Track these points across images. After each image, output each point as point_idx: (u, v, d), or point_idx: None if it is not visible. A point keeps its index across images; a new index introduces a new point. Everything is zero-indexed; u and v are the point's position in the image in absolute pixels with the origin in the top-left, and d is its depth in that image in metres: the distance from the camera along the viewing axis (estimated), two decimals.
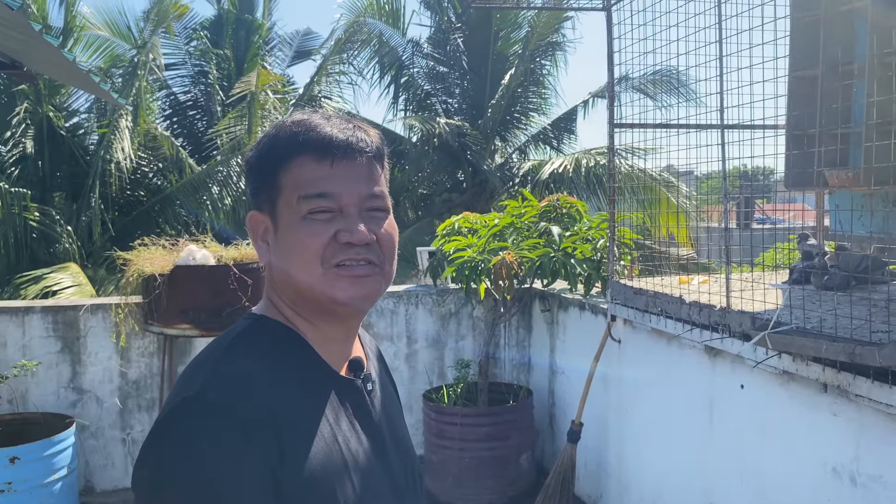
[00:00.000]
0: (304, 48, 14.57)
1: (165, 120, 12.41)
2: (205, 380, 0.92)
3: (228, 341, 0.99)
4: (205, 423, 0.87)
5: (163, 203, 10.06)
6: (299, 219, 0.97)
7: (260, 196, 1.01)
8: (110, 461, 4.39)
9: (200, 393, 0.90)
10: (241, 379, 0.92)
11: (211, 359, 0.97)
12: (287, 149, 0.99)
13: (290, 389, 0.94)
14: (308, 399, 0.97)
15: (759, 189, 4.95)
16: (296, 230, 0.97)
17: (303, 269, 0.97)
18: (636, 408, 3.65)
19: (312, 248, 0.96)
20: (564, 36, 12.20)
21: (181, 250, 4.02)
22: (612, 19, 3.61)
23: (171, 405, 0.91)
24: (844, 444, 2.32)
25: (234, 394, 0.90)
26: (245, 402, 0.89)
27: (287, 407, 0.92)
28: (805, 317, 2.44)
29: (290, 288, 1.00)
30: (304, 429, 0.93)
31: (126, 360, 4.38)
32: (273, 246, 1.00)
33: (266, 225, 1.01)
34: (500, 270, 3.97)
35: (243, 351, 0.97)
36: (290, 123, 1.01)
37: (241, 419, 0.87)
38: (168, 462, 0.87)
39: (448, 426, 4.21)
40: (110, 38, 11.24)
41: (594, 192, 10.78)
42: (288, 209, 0.98)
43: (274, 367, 0.96)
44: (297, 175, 0.98)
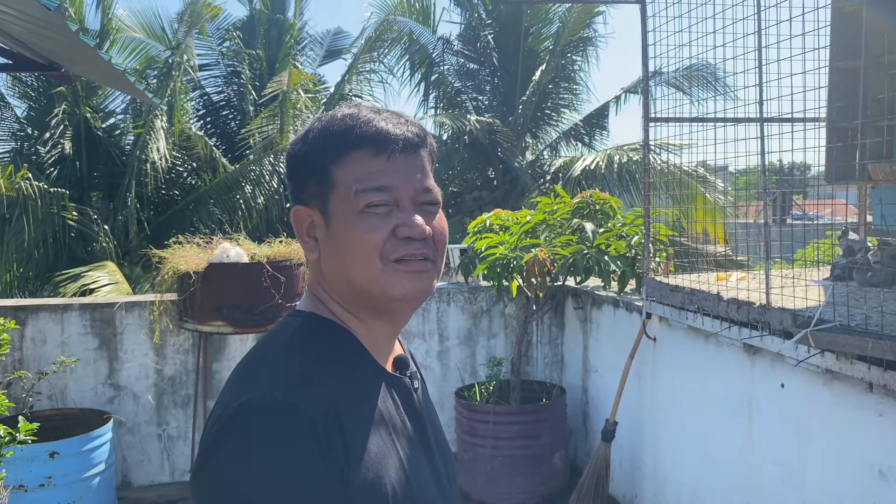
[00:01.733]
0: (335, 47, 14.65)
1: (199, 120, 12.57)
2: (267, 380, 0.90)
3: (284, 340, 0.97)
4: (274, 424, 0.85)
5: (197, 202, 10.19)
6: (356, 213, 0.95)
7: (307, 190, 1.00)
8: (146, 457, 4.45)
9: (265, 394, 0.87)
10: (304, 378, 0.90)
11: (268, 358, 0.95)
12: (341, 142, 0.97)
13: (348, 388, 0.93)
14: (364, 397, 0.96)
15: (796, 184, 4.84)
16: (353, 225, 0.95)
17: (360, 265, 0.96)
18: (672, 407, 3.59)
19: (372, 243, 0.95)
20: (596, 31, 12.09)
21: (215, 248, 4.05)
22: (647, 12, 3.55)
23: (233, 407, 0.88)
24: (892, 445, 2.25)
25: (299, 394, 0.88)
26: (312, 402, 0.87)
27: (347, 406, 0.90)
28: (849, 314, 2.37)
29: (343, 284, 0.99)
30: (363, 427, 0.92)
31: (161, 356, 4.44)
32: (324, 241, 0.99)
33: (313, 220, 0.99)
34: (532, 268, 3.93)
35: (301, 349, 0.95)
36: (342, 117, 0.99)
37: (309, 419, 0.85)
38: (238, 466, 0.84)
39: (480, 424, 4.18)
40: (145, 39, 11.43)
41: (626, 188, 10.66)
42: (343, 203, 0.96)
43: (331, 365, 0.95)
44: (354, 169, 0.96)
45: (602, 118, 12.45)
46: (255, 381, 0.91)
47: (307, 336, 0.98)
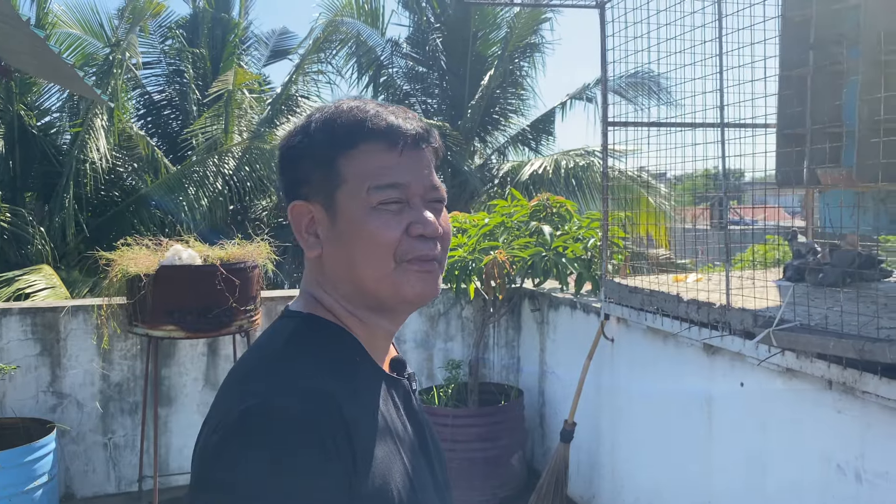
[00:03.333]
0: (281, 47, 14.46)
1: (139, 119, 12.22)
2: (270, 385, 0.86)
3: (283, 342, 0.93)
4: (280, 431, 0.81)
5: (138, 203, 9.88)
6: (368, 209, 0.92)
7: (308, 184, 0.95)
8: (91, 467, 4.27)
9: (269, 399, 0.83)
10: (308, 383, 0.86)
11: (268, 362, 0.91)
12: (351, 135, 0.93)
13: (351, 392, 0.89)
14: (368, 402, 0.92)
15: (735, 189, 4.98)
16: (365, 222, 0.92)
17: (373, 263, 0.92)
18: (631, 407, 3.64)
19: (387, 241, 0.91)
20: (542, 37, 12.25)
21: (166, 250, 3.92)
22: (605, 17, 3.60)
23: (235, 414, 0.83)
24: (849, 441, 2.32)
25: (305, 399, 0.84)
26: (318, 408, 0.83)
27: (352, 410, 0.86)
28: (808, 314, 2.44)
29: (349, 282, 0.95)
30: (369, 433, 0.88)
31: (108, 362, 4.27)
32: (329, 238, 0.94)
33: (314, 216, 0.95)
34: (492, 270, 3.94)
35: (302, 352, 0.91)
36: (349, 108, 0.95)
37: (316, 426, 0.82)
38: (244, 475, 0.79)
39: (439, 427, 4.15)
40: (82, 35, 11.05)
41: (573, 193, 10.80)
42: (353, 199, 0.92)
43: (334, 368, 0.91)
44: (365, 163, 0.92)
45: (549, 123, 12.61)
46: (257, 386, 0.86)
47: (307, 338, 0.94)
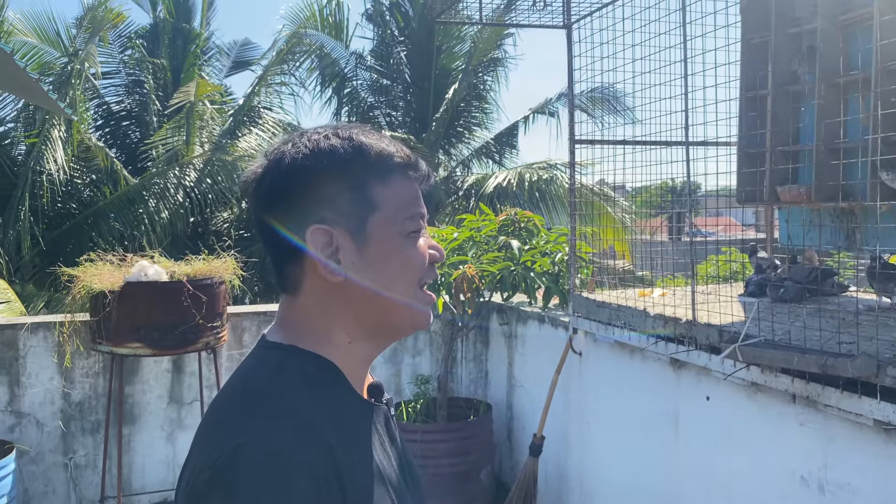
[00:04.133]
0: (243, 58, 14.36)
1: (97, 130, 12.00)
2: (260, 421, 0.85)
3: (268, 376, 0.92)
4: (273, 472, 0.80)
5: (96, 216, 9.69)
6: (402, 237, 0.95)
7: (333, 209, 0.93)
8: (51, 488, 4.16)
9: (260, 437, 0.83)
10: (299, 420, 0.86)
11: (256, 396, 0.89)
12: (385, 164, 0.96)
13: (339, 427, 0.90)
14: (356, 435, 0.93)
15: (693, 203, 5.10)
16: (400, 249, 0.95)
17: (401, 288, 0.95)
18: (598, 420, 3.68)
19: (419, 266, 0.96)
20: (506, 52, 12.40)
21: (131, 266, 3.86)
22: (573, 37, 3.67)
23: (226, 452, 0.82)
24: (812, 453, 2.39)
25: (297, 437, 0.83)
26: (310, 447, 0.83)
27: (341, 446, 0.87)
28: (772, 329, 2.51)
29: (373, 308, 0.95)
30: (357, 468, 0.89)
31: (69, 381, 4.17)
32: (354, 263, 0.93)
33: (337, 241, 0.93)
34: (461, 284, 3.96)
35: (290, 387, 0.90)
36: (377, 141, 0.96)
37: (309, 466, 0.82)
38: None
39: (408, 443, 4.14)
40: (39, 44, 10.82)
41: (536, 206, 10.92)
42: (388, 226, 0.94)
43: (322, 403, 0.91)
44: (399, 192, 0.96)
45: (512, 137, 12.74)
46: (247, 423, 0.85)
47: (294, 372, 0.93)
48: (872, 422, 2.11)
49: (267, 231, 0.96)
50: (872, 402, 2.09)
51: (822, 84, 3.06)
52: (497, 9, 3.72)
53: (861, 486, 2.24)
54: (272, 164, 0.96)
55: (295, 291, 0.97)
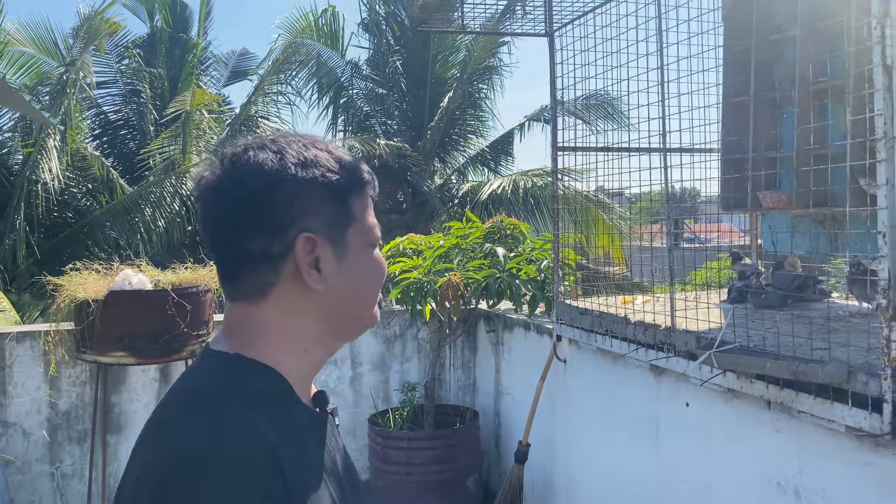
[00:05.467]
0: (241, 68, 14.42)
1: (94, 140, 12.06)
2: (206, 429, 0.84)
3: (215, 384, 0.92)
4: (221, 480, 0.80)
5: (92, 225, 9.71)
6: (370, 247, 1.00)
7: (317, 218, 0.94)
8: (38, 497, 4.16)
9: (206, 445, 0.82)
10: (246, 427, 0.85)
11: (201, 404, 0.89)
12: (359, 178, 1.00)
13: (284, 434, 0.89)
14: (300, 442, 0.93)
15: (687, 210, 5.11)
16: (370, 258, 1.00)
17: (374, 294, 1.02)
18: (582, 426, 3.68)
19: (384, 275, 1.03)
20: (501, 60, 12.44)
21: (116, 275, 3.87)
22: (555, 45, 3.68)
23: (170, 460, 0.82)
24: (788, 459, 2.39)
25: (244, 445, 0.83)
26: (257, 455, 0.83)
27: (286, 453, 0.86)
28: (748, 335, 2.51)
29: (351, 313, 1.01)
30: (302, 474, 0.89)
31: (55, 389, 4.18)
32: (334, 273, 0.95)
33: (321, 251, 0.94)
34: (446, 291, 3.97)
35: (236, 395, 0.90)
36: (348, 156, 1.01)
37: (256, 474, 0.81)
38: None
39: (394, 451, 4.15)
40: (37, 54, 10.87)
41: (531, 212, 10.94)
42: (361, 237, 0.99)
43: (268, 411, 0.90)
44: (365, 205, 1.00)
45: (507, 144, 12.78)
46: (192, 431, 0.85)
47: (240, 380, 0.92)
48: (844, 428, 2.10)
49: (232, 236, 0.94)
50: (844, 407, 2.08)
51: (801, 90, 3.07)
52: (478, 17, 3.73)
53: (835, 492, 2.24)
54: (246, 170, 0.93)
55: (257, 300, 0.95)
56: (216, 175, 0.95)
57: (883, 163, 1.92)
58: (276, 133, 1.01)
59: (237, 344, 0.95)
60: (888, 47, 1.87)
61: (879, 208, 1.93)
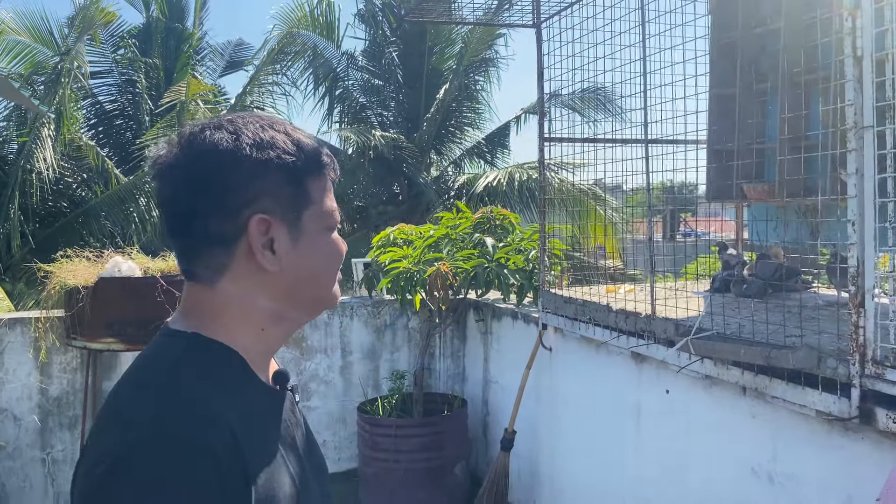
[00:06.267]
0: (237, 58, 14.39)
1: (90, 129, 12.04)
2: (161, 409, 0.85)
3: (169, 364, 0.92)
4: (174, 461, 0.80)
5: (86, 215, 9.73)
6: (327, 230, 1.01)
7: (272, 200, 0.95)
8: (28, 483, 4.20)
9: (160, 425, 0.83)
10: (201, 406, 0.86)
11: (155, 384, 0.89)
12: (318, 161, 1.00)
13: (241, 411, 0.91)
14: (256, 419, 0.94)
15: (683, 202, 5.13)
16: (326, 241, 1.01)
17: (327, 277, 1.03)
18: (567, 414, 3.72)
19: (341, 258, 1.03)
20: (497, 52, 12.44)
21: (106, 262, 3.90)
22: (542, 36, 3.71)
23: (122, 443, 0.82)
24: (762, 445, 2.43)
25: (202, 429, 0.83)
26: (212, 433, 0.83)
27: (243, 430, 0.88)
28: (725, 323, 2.55)
29: (308, 294, 1.01)
30: (259, 450, 0.90)
31: (46, 376, 4.21)
32: (289, 254, 0.96)
33: (276, 233, 0.95)
34: (435, 281, 4.00)
35: (194, 376, 0.91)
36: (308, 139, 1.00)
37: (212, 454, 0.82)
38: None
39: (383, 438, 4.19)
40: (31, 43, 10.85)
41: (527, 205, 10.96)
42: (318, 220, 0.99)
43: (224, 389, 0.91)
44: (323, 189, 1.01)
45: (504, 137, 12.79)
46: (145, 411, 0.85)
47: (198, 361, 0.93)
48: (815, 412, 2.14)
49: (187, 216, 0.94)
50: (815, 392, 2.12)
51: (785, 82, 3.10)
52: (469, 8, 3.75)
53: (807, 476, 2.28)
54: (201, 150, 0.93)
55: (212, 280, 0.96)
56: (172, 154, 0.95)
57: (853, 152, 1.95)
58: (236, 114, 1.00)
59: (194, 323, 0.96)
60: (858, 38, 1.90)
61: (849, 197, 1.97)
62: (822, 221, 3.15)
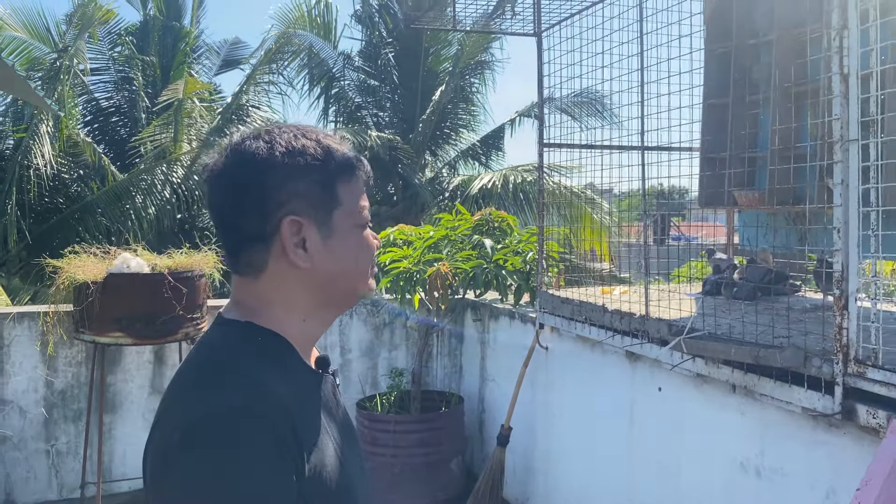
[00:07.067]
0: (233, 57, 14.44)
1: (86, 126, 12.07)
2: (226, 386, 0.97)
3: (231, 347, 1.04)
4: (239, 429, 0.91)
5: (83, 211, 9.77)
6: (357, 228, 1.11)
7: (304, 202, 1.06)
8: (33, 473, 4.28)
9: (226, 399, 0.94)
10: (260, 384, 0.98)
11: (221, 365, 1.01)
12: (349, 166, 1.10)
13: (293, 390, 1.03)
14: (306, 397, 1.06)
15: (674, 207, 5.26)
16: (357, 238, 1.11)
17: (359, 272, 1.12)
18: (563, 411, 3.84)
19: (371, 255, 1.13)
20: (493, 55, 12.57)
21: (114, 258, 3.98)
22: (543, 45, 3.82)
23: (196, 413, 0.93)
24: (751, 441, 2.55)
25: (259, 398, 0.96)
26: (270, 406, 0.95)
27: (295, 406, 1.00)
28: (716, 323, 2.67)
29: (341, 287, 1.11)
30: (310, 425, 1.02)
31: (52, 369, 4.29)
32: (321, 251, 1.07)
33: (306, 232, 1.06)
34: (434, 281, 4.11)
35: (248, 357, 1.03)
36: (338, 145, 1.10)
37: (271, 423, 0.94)
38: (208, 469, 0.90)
39: (381, 433, 4.30)
40: (28, 39, 10.89)
41: (521, 207, 11.09)
42: (349, 219, 1.09)
43: (278, 370, 1.04)
44: (356, 191, 1.11)
45: (498, 139, 12.91)
46: (214, 388, 0.96)
47: (252, 344, 1.05)
48: (801, 409, 2.26)
49: (231, 218, 1.07)
50: (800, 390, 2.24)
51: (777, 93, 3.23)
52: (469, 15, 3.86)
53: (792, 470, 2.40)
54: (241, 158, 1.05)
55: (256, 275, 1.08)
56: (219, 163, 1.08)
57: (839, 164, 2.07)
58: (273, 124, 1.12)
59: (246, 312, 1.09)
60: (845, 57, 2.02)
61: (835, 206, 2.09)
62: (809, 229, 3.28)
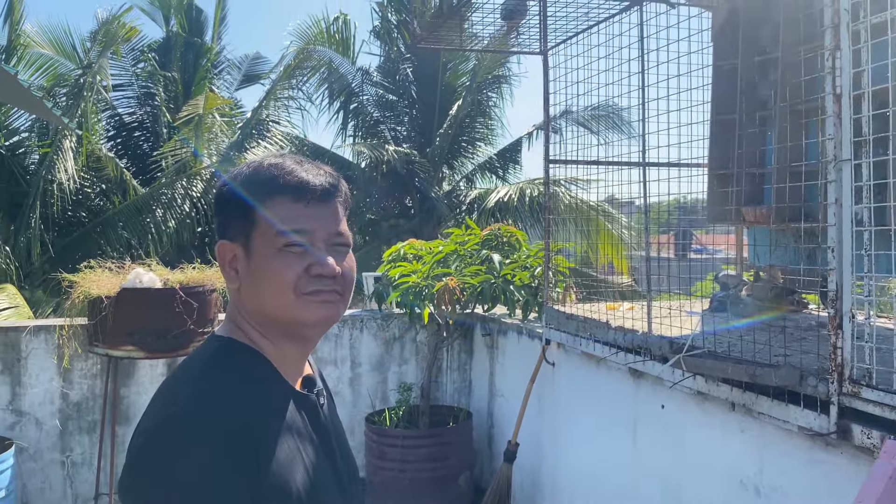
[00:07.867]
0: (253, 72, 14.65)
1: (109, 141, 12.30)
2: (189, 396, 1.04)
3: (204, 362, 1.12)
4: (193, 433, 0.98)
5: (105, 225, 9.95)
6: (275, 251, 1.09)
7: (232, 227, 1.13)
8: (48, 484, 4.36)
9: (185, 408, 1.01)
10: (220, 394, 1.04)
11: (190, 378, 1.09)
12: (266, 188, 1.11)
13: (261, 403, 1.07)
14: (274, 411, 1.10)
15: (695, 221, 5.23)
16: (272, 261, 1.09)
17: (276, 296, 1.09)
18: (568, 427, 3.84)
19: (288, 278, 1.09)
20: (510, 70, 12.62)
21: (128, 273, 4.07)
22: (549, 63, 3.86)
23: (158, 420, 1.02)
24: (750, 459, 2.54)
25: (215, 407, 1.02)
26: (225, 414, 1.01)
27: (259, 418, 1.05)
28: (716, 341, 2.67)
29: (260, 312, 1.12)
30: (272, 437, 1.06)
31: (68, 381, 4.38)
32: (245, 273, 1.12)
33: (235, 254, 1.12)
34: (443, 295, 4.14)
35: (220, 370, 1.10)
36: (268, 166, 1.13)
37: (223, 429, 0.99)
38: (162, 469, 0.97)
39: (389, 448, 4.32)
40: (54, 56, 11.14)
41: (538, 220, 11.09)
42: (263, 241, 1.10)
43: (246, 383, 1.09)
44: (276, 212, 1.10)
45: (515, 153, 12.94)
46: (178, 398, 1.04)
47: (225, 359, 1.12)
48: (797, 428, 2.26)
49: None
50: (797, 409, 2.24)
51: (784, 110, 3.22)
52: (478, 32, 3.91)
53: (791, 489, 2.39)
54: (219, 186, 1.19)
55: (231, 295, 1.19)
56: None
57: (833, 183, 2.08)
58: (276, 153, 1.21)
59: (230, 330, 1.17)
60: (838, 77, 2.03)
61: (829, 225, 2.09)
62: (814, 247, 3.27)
